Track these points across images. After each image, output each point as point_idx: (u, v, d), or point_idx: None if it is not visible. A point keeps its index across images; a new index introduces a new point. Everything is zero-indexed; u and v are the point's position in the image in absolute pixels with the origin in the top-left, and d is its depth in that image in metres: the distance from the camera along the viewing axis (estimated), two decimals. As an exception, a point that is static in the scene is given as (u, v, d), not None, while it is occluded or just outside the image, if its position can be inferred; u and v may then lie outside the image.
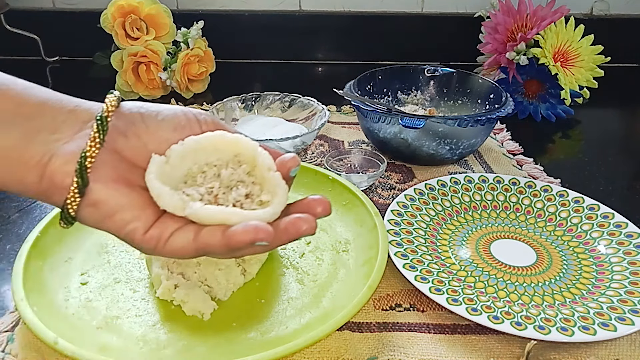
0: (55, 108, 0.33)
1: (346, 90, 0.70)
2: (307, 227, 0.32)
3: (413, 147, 0.66)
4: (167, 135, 0.35)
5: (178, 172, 0.35)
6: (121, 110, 0.35)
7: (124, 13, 0.86)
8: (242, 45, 1.05)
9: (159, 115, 0.35)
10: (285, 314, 0.44)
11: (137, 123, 0.34)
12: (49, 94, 0.34)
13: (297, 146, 0.69)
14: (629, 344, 0.43)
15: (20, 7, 1.01)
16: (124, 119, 0.34)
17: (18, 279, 0.43)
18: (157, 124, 0.35)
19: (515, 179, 0.61)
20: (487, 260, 0.52)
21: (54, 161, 0.32)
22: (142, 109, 0.35)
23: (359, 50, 1.07)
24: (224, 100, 0.76)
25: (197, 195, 0.34)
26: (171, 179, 0.34)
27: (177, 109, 0.36)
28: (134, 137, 0.34)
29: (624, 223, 0.54)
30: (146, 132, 0.35)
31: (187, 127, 0.36)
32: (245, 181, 0.35)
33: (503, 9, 0.86)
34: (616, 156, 0.75)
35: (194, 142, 0.35)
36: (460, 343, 0.43)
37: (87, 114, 0.34)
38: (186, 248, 0.32)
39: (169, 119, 0.35)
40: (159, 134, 0.35)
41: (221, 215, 0.32)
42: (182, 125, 0.36)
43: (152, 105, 0.36)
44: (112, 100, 0.34)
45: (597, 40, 0.84)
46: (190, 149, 0.35)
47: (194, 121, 0.36)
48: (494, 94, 0.73)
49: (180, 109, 0.36)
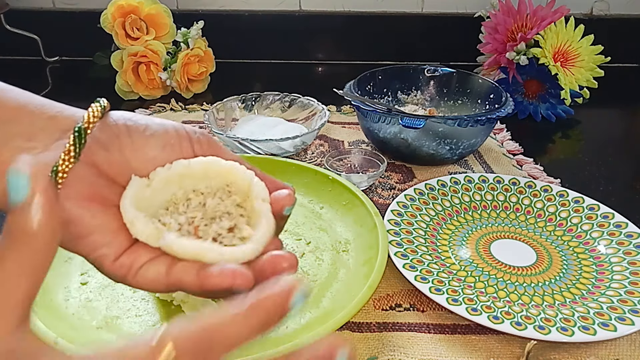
0: (34, 113, 0.30)
1: (346, 90, 0.70)
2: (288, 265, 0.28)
3: (413, 147, 0.66)
4: (154, 154, 0.31)
5: (160, 198, 0.32)
6: (106, 120, 0.31)
7: (124, 13, 0.86)
8: (242, 45, 1.05)
9: (147, 130, 0.32)
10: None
11: (121, 136, 0.31)
12: (29, 97, 0.31)
13: (297, 146, 0.69)
14: (629, 344, 0.43)
15: (20, 7, 1.01)
16: (108, 130, 0.31)
17: (18, 279, 0.43)
18: (145, 139, 0.31)
19: (515, 179, 0.61)
20: (487, 260, 0.52)
21: None
22: (130, 121, 0.32)
23: (359, 50, 1.07)
24: (224, 100, 0.76)
25: (175, 225, 0.30)
26: (151, 204, 0.31)
27: (168, 124, 0.33)
28: (116, 152, 0.31)
29: (624, 223, 0.54)
30: (131, 147, 0.31)
31: (176, 146, 0.32)
32: (232, 213, 0.31)
33: (503, 9, 0.86)
34: (616, 156, 0.75)
35: (182, 167, 0.32)
36: (460, 343, 0.43)
37: (68, 122, 0.31)
38: (157, 281, 0.29)
39: (157, 135, 0.32)
40: (144, 151, 0.31)
41: (195, 250, 0.29)
42: (171, 143, 0.32)
43: (142, 118, 0.32)
44: (95, 110, 0.31)
45: (597, 40, 0.84)
46: (177, 173, 0.31)
47: (186, 139, 0.33)
48: (494, 94, 0.73)
49: (172, 125, 0.33)
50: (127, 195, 0.30)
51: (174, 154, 0.32)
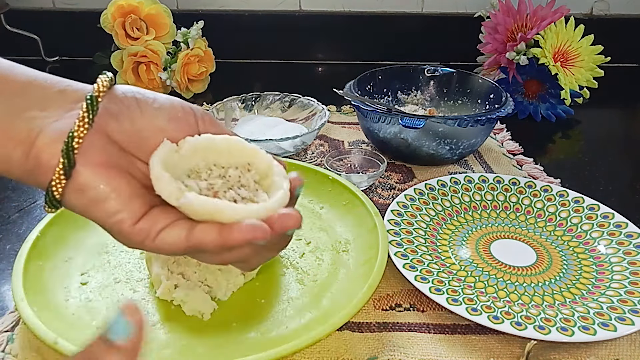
0: (44, 87, 0.32)
1: (346, 90, 0.70)
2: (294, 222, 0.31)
3: (413, 147, 0.66)
4: (162, 125, 0.33)
5: (185, 165, 0.33)
6: (115, 92, 0.33)
7: (124, 13, 0.86)
8: (242, 45, 1.05)
9: (155, 103, 0.33)
10: (285, 314, 0.44)
11: (131, 107, 0.33)
12: (38, 73, 0.32)
13: (297, 146, 0.69)
14: (629, 344, 0.43)
15: (20, 7, 1.01)
16: (118, 102, 0.32)
17: (18, 279, 0.43)
18: (153, 111, 0.33)
19: (515, 179, 0.61)
20: (487, 260, 0.52)
21: (41, 139, 0.30)
22: (138, 94, 0.33)
23: (359, 50, 1.07)
24: (224, 100, 0.76)
25: (196, 188, 0.32)
26: (176, 169, 0.33)
27: (174, 99, 0.35)
28: (127, 122, 0.32)
29: (624, 223, 0.54)
30: (140, 118, 0.33)
31: (183, 120, 0.34)
32: (250, 186, 0.34)
33: (503, 9, 0.86)
34: (616, 156, 0.75)
35: (209, 139, 0.34)
36: (460, 343, 0.43)
37: (78, 95, 0.32)
38: (177, 245, 0.30)
39: (165, 107, 0.34)
40: (153, 122, 0.33)
41: (214, 207, 0.30)
42: (178, 116, 0.34)
43: (149, 92, 0.34)
44: (104, 80, 0.32)
45: (597, 40, 0.84)
46: (204, 145, 0.34)
47: (191, 115, 0.34)
48: (494, 94, 0.73)
49: (178, 100, 0.35)
50: (157, 154, 0.32)
51: (180, 127, 0.34)
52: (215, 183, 0.33)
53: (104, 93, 0.32)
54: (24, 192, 0.63)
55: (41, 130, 0.30)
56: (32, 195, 0.62)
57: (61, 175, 0.30)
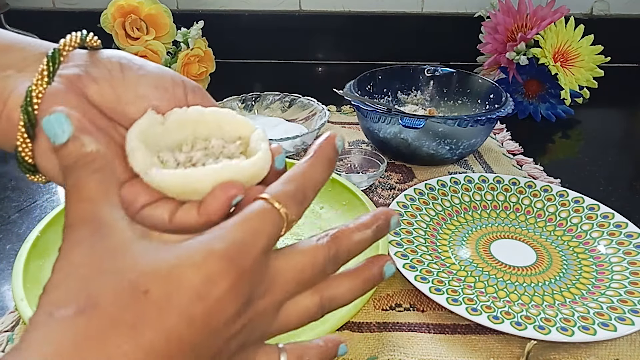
0: (26, 49, 0.30)
1: (346, 90, 0.70)
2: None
3: (413, 147, 0.66)
4: (146, 92, 0.31)
5: (170, 138, 0.31)
6: (99, 56, 0.31)
7: (124, 13, 0.86)
8: (242, 45, 1.05)
9: (142, 70, 0.31)
10: (285, 314, 0.43)
11: (113, 72, 0.31)
12: (22, 37, 0.31)
13: (297, 146, 0.69)
14: (629, 344, 0.43)
15: (20, 7, 1.02)
16: (100, 65, 0.31)
17: (18, 279, 0.43)
18: (137, 78, 0.31)
19: (515, 179, 0.61)
20: (487, 260, 0.52)
21: (12, 97, 0.29)
22: (124, 59, 0.31)
23: (359, 50, 1.07)
24: (224, 100, 0.76)
25: (172, 163, 0.30)
26: (159, 142, 0.30)
27: (166, 69, 0.32)
28: (106, 86, 0.30)
29: (624, 223, 0.54)
30: (122, 83, 0.30)
31: (170, 90, 0.31)
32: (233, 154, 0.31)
33: (503, 9, 0.86)
34: (616, 156, 0.75)
35: (197, 113, 0.31)
36: (460, 343, 0.43)
37: None
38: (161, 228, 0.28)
39: (151, 75, 0.31)
40: (136, 89, 0.31)
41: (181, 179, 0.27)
42: (165, 86, 0.31)
43: (138, 59, 0.32)
44: (74, 36, 0.31)
45: (597, 40, 0.84)
46: (192, 119, 0.31)
47: (180, 86, 0.32)
48: (494, 94, 0.73)
49: (170, 71, 0.32)
50: (136, 125, 0.30)
51: (166, 97, 0.31)
52: (194, 155, 0.30)
53: (71, 48, 0.30)
54: (24, 192, 0.63)
55: (13, 89, 0.29)
56: (32, 195, 0.62)
57: (24, 134, 0.28)
